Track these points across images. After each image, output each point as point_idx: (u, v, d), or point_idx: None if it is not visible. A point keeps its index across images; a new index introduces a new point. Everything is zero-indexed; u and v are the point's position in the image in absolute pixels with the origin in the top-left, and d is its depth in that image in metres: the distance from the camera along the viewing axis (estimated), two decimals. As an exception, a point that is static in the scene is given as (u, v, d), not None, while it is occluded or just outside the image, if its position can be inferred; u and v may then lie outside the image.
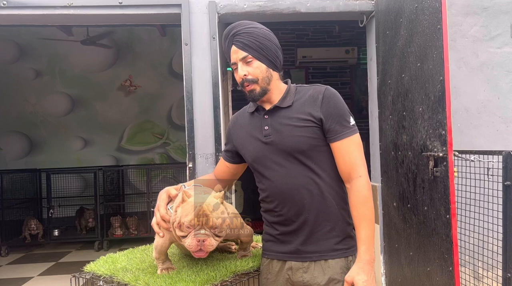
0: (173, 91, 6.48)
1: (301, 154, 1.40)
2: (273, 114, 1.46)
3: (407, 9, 2.55)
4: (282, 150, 1.41)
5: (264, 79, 1.43)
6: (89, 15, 3.06)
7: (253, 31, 1.42)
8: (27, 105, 6.39)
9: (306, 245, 1.43)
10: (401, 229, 2.69)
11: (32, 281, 4.19)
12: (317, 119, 1.39)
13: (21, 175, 5.66)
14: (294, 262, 1.44)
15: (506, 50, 2.87)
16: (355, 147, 1.40)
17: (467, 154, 2.33)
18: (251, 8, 3.04)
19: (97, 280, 1.50)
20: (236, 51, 1.43)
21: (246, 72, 1.42)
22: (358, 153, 1.40)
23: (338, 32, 6.23)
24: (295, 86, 1.50)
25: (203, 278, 1.43)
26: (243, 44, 1.41)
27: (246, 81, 1.42)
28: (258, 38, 1.42)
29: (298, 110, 1.42)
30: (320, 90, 1.43)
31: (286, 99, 1.46)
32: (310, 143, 1.39)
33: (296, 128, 1.40)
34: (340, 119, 1.39)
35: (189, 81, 3.02)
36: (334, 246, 1.42)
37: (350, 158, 1.39)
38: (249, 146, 1.51)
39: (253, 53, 1.41)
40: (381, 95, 2.95)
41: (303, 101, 1.43)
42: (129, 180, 6.27)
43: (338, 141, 1.39)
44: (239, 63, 1.43)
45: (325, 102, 1.40)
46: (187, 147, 3.02)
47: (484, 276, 2.44)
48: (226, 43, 1.46)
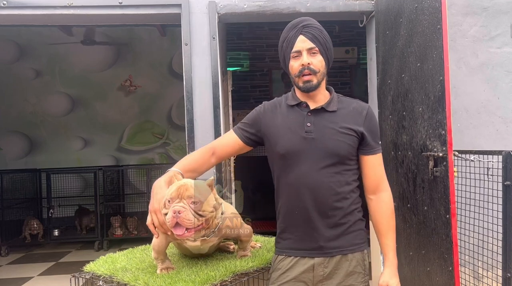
0: (173, 91, 6.48)
1: (338, 157, 1.49)
2: (317, 114, 1.53)
3: (407, 9, 2.55)
4: (321, 149, 1.49)
5: (322, 74, 1.53)
6: (89, 15, 3.05)
7: (322, 29, 1.55)
8: (27, 105, 6.39)
9: (329, 241, 1.49)
10: (401, 229, 2.69)
11: (32, 281, 4.19)
12: (359, 132, 1.51)
13: (21, 175, 5.66)
14: (317, 258, 1.50)
15: (506, 50, 2.86)
16: (381, 163, 1.59)
17: (467, 154, 2.33)
18: (251, 8, 3.04)
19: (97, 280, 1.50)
20: (304, 40, 1.50)
21: (310, 61, 1.50)
22: (383, 169, 1.59)
23: (338, 32, 6.23)
24: (337, 95, 1.60)
25: (202, 278, 1.43)
26: (313, 36, 1.50)
27: (308, 70, 1.50)
28: (325, 36, 1.54)
29: (343, 118, 1.52)
30: (364, 107, 1.57)
31: (331, 104, 1.55)
32: (348, 150, 1.50)
33: (339, 134, 1.50)
34: (375, 136, 1.56)
35: (189, 81, 3.02)
36: (352, 241, 1.52)
37: (379, 171, 1.57)
38: (284, 137, 1.53)
39: (320, 47, 1.51)
40: (381, 95, 2.95)
41: (348, 112, 1.54)
42: (129, 180, 6.26)
43: (372, 155, 1.54)
44: (304, 52, 1.50)
45: (368, 119, 1.54)
46: (187, 147, 3.02)
47: (484, 276, 2.44)
48: (293, 32, 1.52)
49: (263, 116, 1.61)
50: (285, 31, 1.56)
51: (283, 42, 1.56)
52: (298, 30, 1.51)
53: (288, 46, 1.53)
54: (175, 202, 1.35)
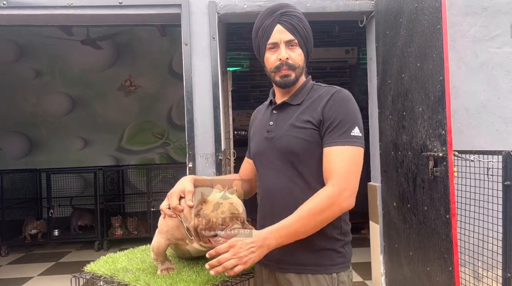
0: (173, 91, 6.48)
1: (294, 156, 1.30)
2: (281, 110, 1.38)
3: (407, 9, 2.55)
4: (277, 148, 1.33)
5: (300, 69, 1.36)
6: (89, 15, 3.06)
7: (302, 17, 1.35)
8: (27, 105, 6.39)
9: (285, 254, 1.31)
10: (401, 229, 2.69)
11: (32, 281, 4.19)
12: (317, 121, 1.28)
13: (21, 175, 5.66)
14: (277, 273, 1.36)
15: (506, 50, 2.87)
16: (344, 158, 1.24)
17: (467, 153, 2.33)
18: (251, 8, 3.04)
19: (98, 280, 1.50)
20: (282, 31, 1.32)
21: (288, 55, 1.33)
22: (346, 165, 1.24)
23: (338, 32, 6.23)
24: (312, 84, 1.40)
25: (203, 278, 1.43)
26: (292, 27, 1.32)
27: (286, 65, 1.33)
28: (305, 26, 1.35)
29: (304, 110, 1.32)
30: (330, 91, 1.32)
31: (298, 96, 1.37)
32: (304, 146, 1.29)
33: (294, 129, 1.30)
34: (339, 125, 1.26)
35: (189, 81, 3.02)
36: (315, 260, 1.30)
37: (333, 165, 1.24)
38: (254, 140, 1.46)
39: (299, 39, 1.33)
40: (381, 95, 2.95)
41: (312, 101, 1.33)
42: (129, 180, 6.26)
43: (328, 147, 1.26)
44: (282, 45, 1.33)
45: (329, 105, 1.28)
46: (187, 147, 3.02)
47: (484, 276, 2.44)
48: (269, 20, 1.34)
49: (251, 123, 1.56)
50: (260, 18, 1.37)
51: (258, 30, 1.37)
52: (276, 19, 1.32)
53: (264, 36, 1.35)
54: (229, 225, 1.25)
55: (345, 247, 1.36)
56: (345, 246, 1.37)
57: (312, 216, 1.22)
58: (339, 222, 1.34)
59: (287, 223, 1.21)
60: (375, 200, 3.12)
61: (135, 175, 6.22)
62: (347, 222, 1.39)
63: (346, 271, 1.35)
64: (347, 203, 1.25)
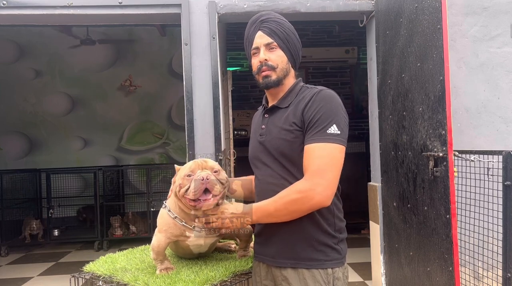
0: (173, 91, 6.48)
1: (284, 157, 1.36)
2: (271, 114, 1.44)
3: (407, 9, 2.55)
4: (268, 151, 1.40)
5: (282, 70, 1.41)
6: (89, 15, 3.06)
7: (282, 22, 1.43)
8: (27, 105, 6.39)
9: (281, 249, 1.37)
10: (401, 229, 2.69)
11: (32, 281, 4.19)
12: (299, 122, 1.34)
13: (21, 175, 5.65)
14: (274, 269, 1.40)
15: (506, 50, 2.86)
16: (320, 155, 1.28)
17: (467, 153, 2.33)
18: (251, 8, 3.04)
19: (97, 280, 1.50)
20: (262, 36, 1.41)
21: (267, 57, 1.40)
22: (321, 161, 1.27)
23: (338, 32, 6.23)
24: (301, 87, 1.44)
25: (202, 278, 1.43)
26: (271, 31, 1.40)
27: (265, 66, 1.40)
28: (285, 29, 1.41)
29: (290, 113, 1.38)
30: (312, 93, 1.36)
31: (286, 99, 1.42)
32: (291, 147, 1.34)
33: (282, 131, 1.36)
34: (316, 123, 1.30)
35: (189, 81, 3.02)
36: (310, 254, 1.34)
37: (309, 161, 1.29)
38: (250, 144, 1.52)
39: (279, 42, 1.40)
40: (381, 95, 2.95)
41: (297, 103, 1.38)
42: (129, 180, 6.26)
43: (306, 145, 1.31)
44: (262, 48, 1.41)
45: (309, 105, 1.33)
46: (187, 147, 3.02)
47: (484, 276, 2.44)
48: (251, 29, 1.44)
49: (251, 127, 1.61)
50: (246, 29, 1.48)
51: (245, 41, 1.49)
52: (257, 26, 1.43)
53: (248, 43, 1.46)
54: (197, 172, 1.38)
55: (340, 244, 1.39)
56: (340, 243, 1.39)
57: (284, 204, 1.30)
58: (333, 218, 1.38)
59: (264, 204, 1.34)
60: (375, 200, 3.12)
61: (135, 175, 6.22)
62: (341, 219, 1.42)
63: (341, 268, 1.38)
64: (319, 197, 1.27)
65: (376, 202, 3.09)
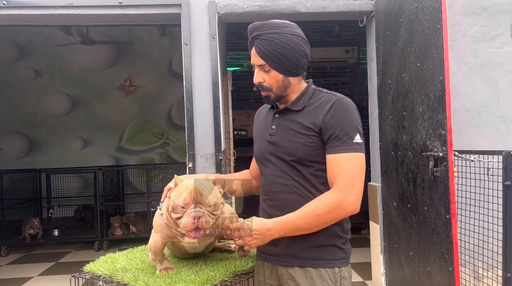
0: (173, 91, 6.48)
1: (297, 159, 1.37)
2: (283, 115, 1.44)
3: (407, 9, 2.55)
4: (280, 152, 1.40)
5: (279, 88, 1.41)
6: (89, 15, 3.06)
7: (275, 39, 1.36)
8: (27, 105, 6.39)
9: (287, 249, 1.38)
10: (401, 229, 2.69)
11: (32, 281, 4.19)
12: (318, 128, 1.34)
13: (21, 175, 5.66)
14: (279, 268, 1.41)
15: (506, 50, 2.86)
16: (349, 165, 1.31)
17: (467, 153, 2.33)
18: (251, 8, 3.04)
19: (97, 280, 1.50)
20: (255, 55, 1.39)
21: (261, 79, 1.40)
22: (351, 171, 1.31)
23: (338, 32, 6.23)
24: (314, 89, 1.45)
25: (202, 278, 1.43)
26: (262, 53, 1.37)
27: (260, 88, 1.41)
28: (278, 48, 1.36)
29: (305, 117, 1.38)
30: (331, 99, 1.37)
31: (299, 102, 1.42)
32: (305, 151, 1.35)
33: (297, 134, 1.37)
34: (341, 132, 1.32)
35: (189, 81, 3.02)
36: (317, 254, 1.36)
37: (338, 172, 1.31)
38: (256, 141, 1.53)
39: (271, 64, 1.37)
40: (381, 95, 2.95)
41: (313, 108, 1.38)
42: (129, 180, 6.26)
43: (332, 154, 1.33)
44: (256, 69, 1.41)
45: (331, 113, 1.34)
46: (187, 147, 3.02)
47: (484, 276, 2.44)
48: (249, 41, 1.43)
49: (254, 124, 1.62)
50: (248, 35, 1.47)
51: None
52: (251, 41, 1.41)
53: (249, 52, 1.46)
54: (191, 207, 1.33)
55: (346, 244, 1.43)
56: (346, 243, 1.43)
57: (315, 216, 1.32)
58: (342, 220, 1.40)
59: (292, 219, 1.32)
60: (375, 200, 3.12)
61: (135, 175, 6.22)
62: (348, 221, 1.45)
63: (347, 267, 1.41)
64: (352, 207, 1.33)
65: (376, 202, 3.09)
